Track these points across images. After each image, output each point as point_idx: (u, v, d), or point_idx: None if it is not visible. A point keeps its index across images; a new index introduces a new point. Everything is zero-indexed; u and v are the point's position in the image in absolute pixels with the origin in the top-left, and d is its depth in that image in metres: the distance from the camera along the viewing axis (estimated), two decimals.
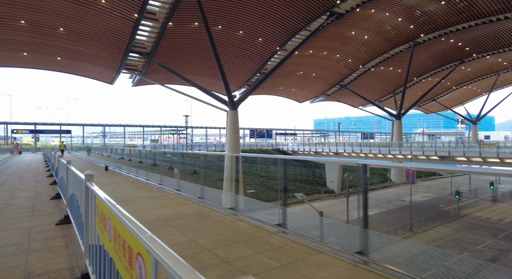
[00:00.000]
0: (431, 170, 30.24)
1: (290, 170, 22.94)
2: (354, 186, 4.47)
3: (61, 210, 5.74)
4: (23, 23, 21.30)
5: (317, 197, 32.02)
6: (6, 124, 37.45)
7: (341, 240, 3.57)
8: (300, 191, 30.78)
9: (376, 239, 3.38)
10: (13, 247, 3.70)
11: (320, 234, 3.80)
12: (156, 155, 11.49)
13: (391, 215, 25.87)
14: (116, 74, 30.19)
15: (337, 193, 30.58)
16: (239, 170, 5.57)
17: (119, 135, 61.04)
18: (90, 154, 28.64)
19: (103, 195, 2.02)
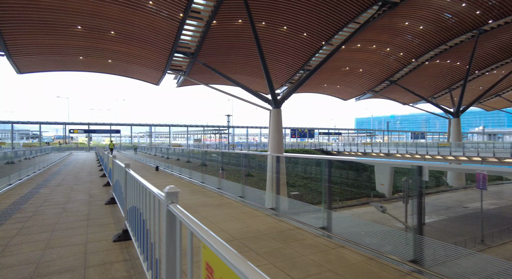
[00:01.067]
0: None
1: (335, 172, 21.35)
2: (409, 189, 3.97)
3: (117, 220, 5.00)
4: (79, 29, 21.99)
5: (365, 201, 29.80)
6: (65, 125, 39.99)
7: (394, 248, 3.25)
8: (346, 194, 28.81)
9: (438, 250, 2.98)
10: (67, 274, 2.89)
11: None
12: (204, 154, 10.73)
13: (454, 224, 22.97)
14: (162, 75, 30.52)
15: (388, 197, 28.13)
16: (328, 175, 4.41)
17: (163, 135, 62.94)
18: (136, 152, 29.38)
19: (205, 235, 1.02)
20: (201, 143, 45.61)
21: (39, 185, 8.70)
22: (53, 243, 3.80)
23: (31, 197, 6.94)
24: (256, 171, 6.46)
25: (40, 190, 7.82)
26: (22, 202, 6.31)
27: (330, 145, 45.51)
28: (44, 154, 17.82)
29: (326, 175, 4.03)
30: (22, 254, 3.43)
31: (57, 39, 22.39)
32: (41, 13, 19.17)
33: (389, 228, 3.71)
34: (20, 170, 9.57)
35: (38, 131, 39.52)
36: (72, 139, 49.62)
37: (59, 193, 7.50)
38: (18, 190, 7.83)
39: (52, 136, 68.02)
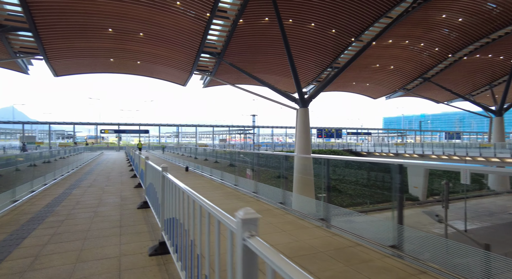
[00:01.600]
0: None
1: (364, 173, 20.10)
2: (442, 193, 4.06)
3: (151, 227, 4.58)
4: (110, 31, 22.36)
5: None
6: (96, 125, 41.39)
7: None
8: (377, 197, 27.36)
9: None
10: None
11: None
12: (234, 155, 10.25)
13: (500, 232, 21.06)
14: (188, 76, 30.59)
15: (422, 201, 26.47)
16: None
17: (189, 135, 63.69)
18: (164, 152, 29.72)
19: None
20: (226, 143, 45.55)
21: (72, 186, 8.60)
22: (85, 255, 3.41)
23: (64, 198, 6.75)
24: (301, 176, 5.85)
25: (73, 191, 7.67)
26: (56, 204, 6.11)
27: (360, 146, 43.69)
28: (77, 153, 18.21)
29: (397, 183, 3.35)
30: (52, 268, 3.05)
31: (90, 42, 22.93)
32: (75, 18, 19.62)
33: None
34: (55, 170, 9.59)
35: (72, 131, 41.25)
36: (103, 139, 51.37)
37: (91, 194, 7.29)
38: (52, 191, 7.72)
39: (85, 136, 71.05)
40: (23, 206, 5.92)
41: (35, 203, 6.19)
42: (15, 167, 6.66)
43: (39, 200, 6.52)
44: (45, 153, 9.62)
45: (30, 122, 39.89)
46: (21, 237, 4.08)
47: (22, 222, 4.80)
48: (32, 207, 5.89)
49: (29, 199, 6.62)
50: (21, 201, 6.20)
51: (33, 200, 6.49)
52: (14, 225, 4.65)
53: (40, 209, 5.66)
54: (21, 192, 6.54)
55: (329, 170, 4.56)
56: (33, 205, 6.06)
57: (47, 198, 6.78)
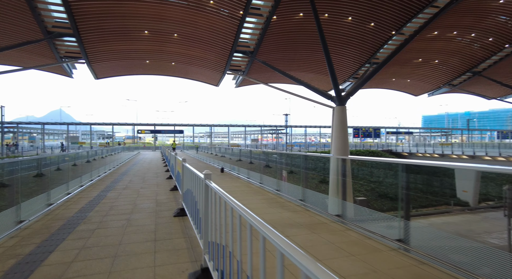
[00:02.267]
0: None
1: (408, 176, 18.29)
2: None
3: (190, 243, 3.90)
4: (146, 33, 22.59)
5: (444, 209, 25.74)
6: (133, 126, 42.70)
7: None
8: (421, 201, 25.18)
9: None
10: None
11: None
12: (268, 155, 9.43)
13: None
14: (221, 76, 30.34)
15: (472, 207, 23.90)
16: None
17: (221, 135, 64.05)
18: (197, 152, 29.78)
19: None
20: (258, 143, 44.84)
21: (107, 187, 8.31)
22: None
23: (98, 202, 6.37)
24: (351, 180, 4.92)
25: (108, 194, 7.31)
26: (89, 209, 5.70)
27: (400, 146, 40.78)
28: (115, 153, 18.47)
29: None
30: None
31: (127, 45, 23.35)
32: (114, 21, 19.97)
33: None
34: (91, 171, 9.42)
35: (111, 132, 43.03)
36: (140, 139, 53.13)
37: (125, 198, 6.87)
38: (88, 193, 7.43)
39: (123, 136, 74.24)
40: (57, 210, 5.57)
41: (69, 207, 5.83)
42: (50, 169, 6.40)
43: (73, 204, 6.17)
44: (82, 154, 9.46)
45: (74, 123, 42.14)
46: (48, 250, 3.59)
47: (52, 230, 4.36)
48: (66, 211, 5.52)
49: (65, 202, 6.31)
50: (56, 205, 5.88)
51: (68, 203, 6.16)
52: (44, 234, 4.21)
53: (73, 215, 5.25)
54: (57, 194, 6.25)
55: (409, 178, 3.59)
56: (67, 209, 5.70)
57: (82, 201, 6.44)
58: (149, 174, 11.55)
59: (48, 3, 17.88)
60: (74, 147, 35.27)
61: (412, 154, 35.18)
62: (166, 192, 7.66)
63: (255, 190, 7.77)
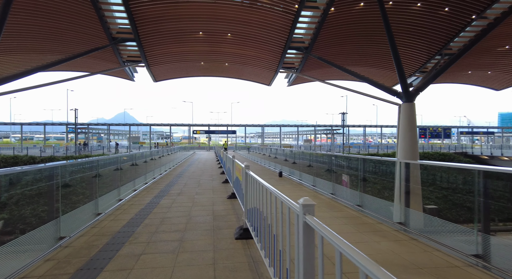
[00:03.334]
0: None
1: (491, 184, 14.94)
2: None
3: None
4: (201, 34, 22.40)
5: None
6: (189, 126, 43.88)
7: None
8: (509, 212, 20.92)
9: None
10: None
11: None
12: (330, 158, 7.82)
13: None
14: (274, 74, 29.17)
15: None
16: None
17: (271, 135, 62.99)
18: (249, 152, 29.08)
19: None
20: (311, 144, 42.59)
21: (161, 192, 7.58)
22: None
23: (149, 211, 5.53)
24: None
25: (161, 201, 6.50)
26: (138, 222, 4.84)
27: (478, 148, 35.03)
28: (172, 153, 18.38)
29: None
30: None
31: (183, 47, 23.45)
32: (170, 24, 20.04)
33: None
34: (146, 174, 8.85)
35: (169, 132, 44.88)
36: (195, 139, 54.70)
37: (179, 207, 5.95)
38: (140, 199, 6.72)
39: (180, 136, 77.78)
40: (104, 222, 4.80)
41: (118, 218, 5.05)
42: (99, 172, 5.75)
43: (123, 213, 5.41)
44: (137, 154, 8.97)
45: (135, 124, 44.80)
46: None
47: (92, 254, 3.48)
48: (113, 224, 4.72)
49: (114, 210, 5.59)
50: (104, 215, 5.15)
51: (117, 213, 5.42)
52: (82, 258, 3.35)
53: (120, 229, 4.40)
54: (106, 202, 5.57)
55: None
56: (115, 220, 4.91)
57: (132, 210, 5.67)
58: (204, 177, 10.78)
59: (113, 11, 18.52)
60: (135, 147, 37.35)
61: (495, 157, 29.63)
62: (223, 200, 6.62)
63: (330, 204, 6.29)
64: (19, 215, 7.51)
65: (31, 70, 18.69)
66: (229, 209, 5.73)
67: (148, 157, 10.17)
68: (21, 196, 6.59)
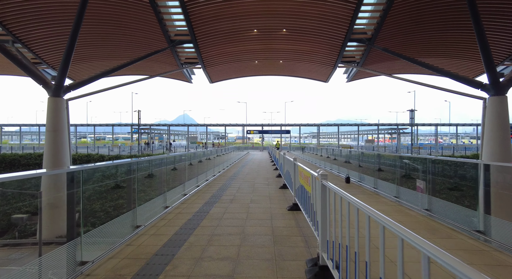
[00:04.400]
0: None
1: None
2: None
3: None
4: (255, 32, 21.56)
5: None
6: (243, 126, 43.77)
7: None
8: None
9: None
10: None
11: None
12: (424, 162, 5.94)
13: None
14: (331, 70, 27.03)
15: None
16: None
17: (325, 135, 59.85)
18: (303, 152, 27.81)
19: None
20: (374, 145, 38.63)
21: (212, 198, 6.66)
22: None
23: (197, 225, 4.55)
24: None
25: (211, 210, 5.53)
26: (181, 240, 3.88)
27: None
28: (226, 153, 17.86)
29: None
30: None
31: (237, 46, 22.90)
32: (225, 23, 19.56)
33: None
34: (197, 176, 8.05)
35: (224, 132, 45.42)
36: (248, 139, 54.69)
37: (231, 220, 4.88)
38: (188, 207, 5.85)
39: (234, 136, 79.05)
40: (141, 238, 3.94)
41: (159, 232, 4.16)
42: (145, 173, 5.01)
43: (166, 226, 4.52)
44: (188, 154, 8.23)
45: (192, 124, 46.26)
46: None
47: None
48: (151, 241, 3.82)
49: (157, 222, 4.74)
50: (144, 228, 4.31)
51: (159, 225, 4.55)
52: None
53: (157, 252, 3.46)
54: (150, 210, 4.76)
55: None
56: (155, 236, 4.01)
57: (178, 221, 4.76)
58: (259, 180, 9.69)
59: (171, 13, 18.69)
60: (192, 147, 38.46)
61: None
62: (283, 212, 5.39)
63: (422, 223, 4.61)
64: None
65: (100, 75, 19.91)
66: (292, 227, 4.46)
67: (201, 157, 9.47)
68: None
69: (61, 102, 17.70)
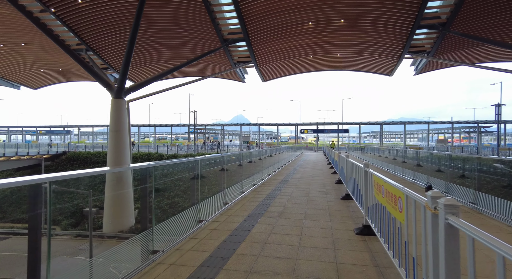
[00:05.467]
0: None
1: None
2: None
3: None
4: (310, 25, 19.87)
5: None
6: (297, 125, 41.99)
7: None
8: None
9: None
10: None
11: None
12: None
13: None
14: (397, 62, 23.85)
15: None
16: None
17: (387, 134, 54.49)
18: (363, 153, 25.45)
19: None
20: (448, 145, 33.07)
21: (258, 208, 5.49)
22: None
23: (233, 251, 3.42)
24: None
25: (253, 227, 4.36)
26: (216, 265, 2.80)
27: None
28: (278, 153, 16.67)
29: None
30: None
31: (290, 42, 21.47)
32: (278, 18, 18.36)
33: None
34: (242, 181, 6.92)
35: (277, 132, 44.24)
36: (302, 139, 52.64)
37: (278, 247, 3.63)
38: (228, 220, 4.77)
39: (287, 136, 77.40)
40: (159, 269, 2.96)
41: (182, 263, 3.12)
42: None
43: (193, 250, 3.48)
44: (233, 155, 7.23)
45: (245, 124, 46.03)
46: None
47: None
48: (171, 272, 2.81)
49: (184, 243, 3.74)
50: (161, 255, 3.31)
51: (186, 247, 3.54)
52: None
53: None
54: (183, 222, 3.82)
55: None
56: (176, 268, 2.99)
57: (211, 243, 3.68)
58: (315, 187, 8.24)
59: (223, 11, 18.21)
60: (245, 147, 38.15)
61: None
62: (349, 236, 3.95)
63: None
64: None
65: (157, 76, 20.45)
66: (367, 266, 3.03)
67: (247, 158, 8.42)
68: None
69: (122, 103, 18.54)
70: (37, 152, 28.75)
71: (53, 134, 56.31)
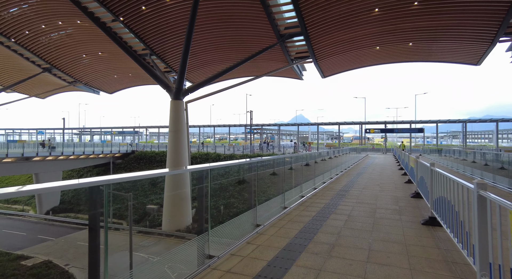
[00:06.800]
0: None
1: None
2: None
3: None
4: (376, 12, 17.76)
5: None
6: (361, 124, 38.83)
7: None
8: None
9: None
10: None
11: None
12: None
13: None
14: (487, 48, 19.97)
15: None
16: None
17: (470, 134, 46.84)
18: (441, 155, 22.55)
19: None
20: None
21: (302, 232, 4.45)
22: None
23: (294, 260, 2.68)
24: None
25: (301, 254, 3.49)
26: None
27: None
28: (340, 155, 15.21)
29: None
30: None
31: (353, 32, 19.60)
32: (339, 7, 16.85)
33: None
34: (284, 192, 5.84)
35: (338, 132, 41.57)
36: (368, 139, 48.63)
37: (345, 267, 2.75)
38: (277, 237, 4.00)
39: (351, 136, 72.71)
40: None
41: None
42: None
43: (232, 272, 2.83)
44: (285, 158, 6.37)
45: (303, 124, 44.41)
46: None
47: None
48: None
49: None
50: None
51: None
52: None
53: None
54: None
55: None
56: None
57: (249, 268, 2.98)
58: (382, 202, 6.92)
59: (279, 5, 17.46)
60: (301, 147, 36.74)
61: None
62: (426, 253, 2.83)
63: None
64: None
65: (212, 77, 20.76)
66: None
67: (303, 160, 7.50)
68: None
69: (181, 104, 19.26)
70: (110, 151, 32.60)
71: (125, 134, 64.27)
